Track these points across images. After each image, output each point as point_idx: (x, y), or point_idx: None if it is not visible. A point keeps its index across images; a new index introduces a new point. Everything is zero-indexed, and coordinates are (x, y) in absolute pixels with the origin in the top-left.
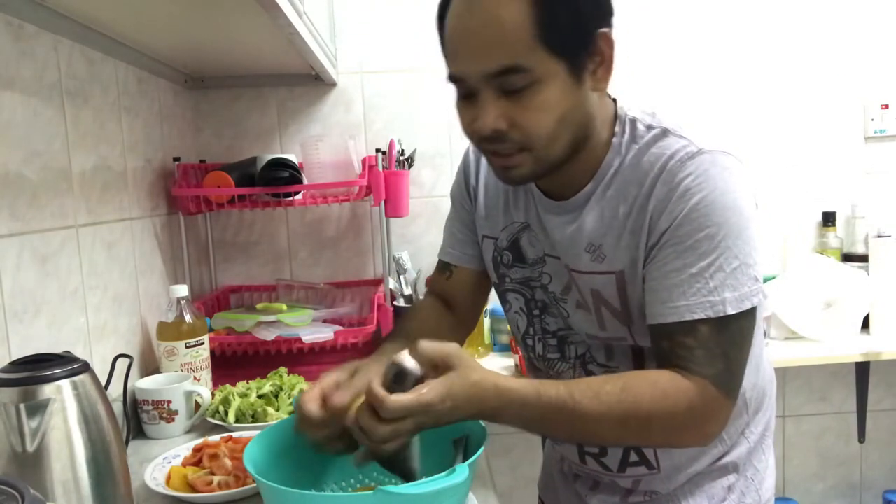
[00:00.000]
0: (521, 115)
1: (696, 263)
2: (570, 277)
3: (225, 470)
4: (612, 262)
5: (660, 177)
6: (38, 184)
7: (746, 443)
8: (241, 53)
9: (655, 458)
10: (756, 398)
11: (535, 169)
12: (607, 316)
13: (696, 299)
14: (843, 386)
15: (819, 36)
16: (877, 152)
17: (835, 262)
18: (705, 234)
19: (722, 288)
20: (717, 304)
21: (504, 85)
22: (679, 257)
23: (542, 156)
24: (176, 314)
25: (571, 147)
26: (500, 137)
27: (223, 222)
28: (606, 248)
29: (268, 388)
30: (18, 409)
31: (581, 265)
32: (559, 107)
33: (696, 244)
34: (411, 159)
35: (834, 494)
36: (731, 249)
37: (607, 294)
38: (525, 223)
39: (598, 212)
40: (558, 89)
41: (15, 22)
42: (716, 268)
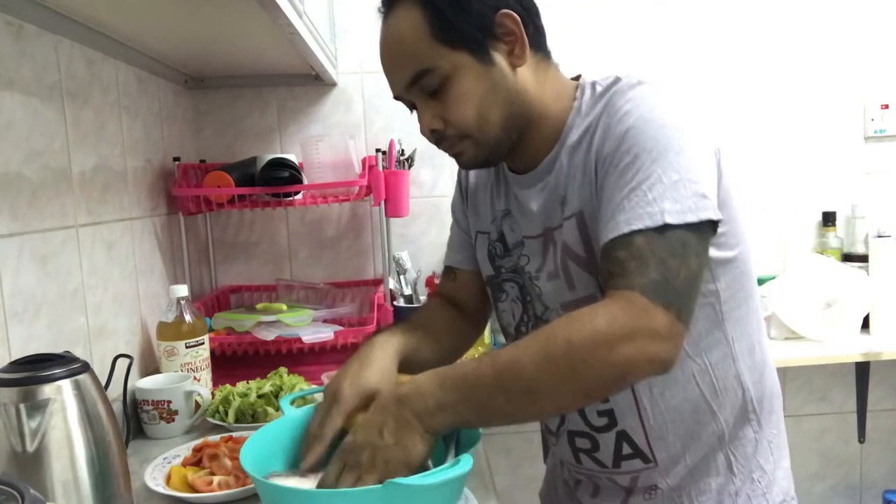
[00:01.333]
0: (447, 111)
1: (634, 178)
2: (549, 243)
3: (225, 470)
4: (573, 205)
5: (605, 110)
6: (38, 184)
7: (752, 435)
8: (241, 53)
9: (649, 447)
10: (754, 380)
11: (479, 152)
12: (575, 271)
13: (634, 211)
14: (843, 386)
15: (819, 36)
16: (877, 152)
17: (835, 262)
18: (643, 149)
19: (661, 199)
20: (655, 213)
21: (425, 88)
22: (620, 177)
23: (480, 139)
24: (176, 314)
25: (508, 122)
26: (441, 135)
27: (223, 222)
28: (569, 195)
29: (268, 388)
30: (18, 409)
31: (555, 220)
32: (476, 93)
33: (635, 160)
34: (411, 159)
35: (834, 494)
36: (671, 164)
37: (572, 241)
38: (506, 210)
39: (563, 167)
40: (470, 78)
41: (15, 22)
42: (654, 180)
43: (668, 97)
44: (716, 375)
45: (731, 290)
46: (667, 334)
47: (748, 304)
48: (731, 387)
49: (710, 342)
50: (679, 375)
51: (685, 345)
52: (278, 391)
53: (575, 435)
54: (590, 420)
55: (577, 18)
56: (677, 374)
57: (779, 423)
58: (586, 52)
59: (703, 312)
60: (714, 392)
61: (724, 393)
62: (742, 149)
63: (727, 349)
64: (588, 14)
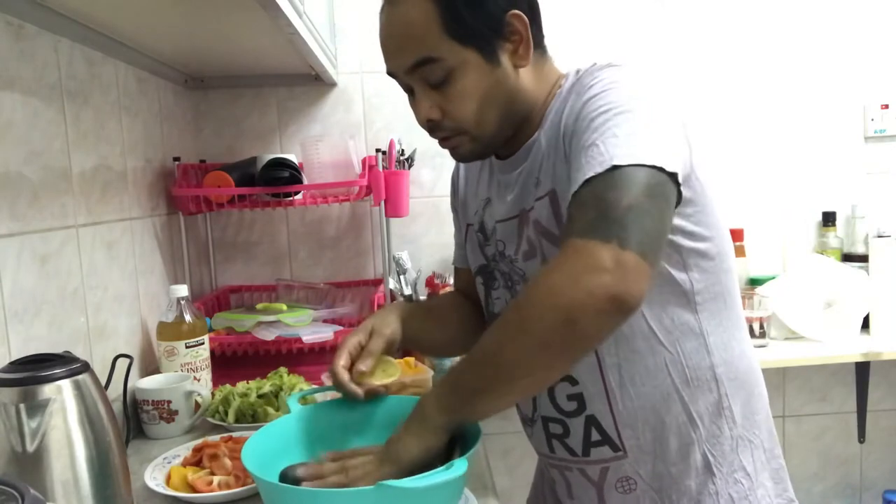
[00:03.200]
0: (447, 104)
1: (591, 136)
2: (523, 224)
3: (225, 470)
4: (545, 184)
5: (570, 91)
6: (38, 184)
7: (728, 432)
8: (241, 53)
9: (618, 434)
10: (730, 376)
11: (475, 147)
12: (548, 248)
13: (590, 163)
14: (843, 386)
15: (819, 36)
16: (877, 152)
17: (835, 262)
18: (602, 111)
19: (613, 149)
20: (605, 161)
21: (426, 77)
22: (579, 141)
23: (477, 135)
24: (176, 314)
25: (505, 121)
26: (437, 126)
27: (223, 222)
28: (542, 174)
29: (268, 388)
30: (18, 409)
31: (528, 201)
32: (478, 90)
33: (592, 124)
34: (411, 159)
35: (834, 494)
36: (629, 121)
37: (545, 220)
38: (487, 198)
39: (541, 149)
40: (474, 75)
41: (15, 22)
42: (609, 135)
43: (634, 73)
44: (688, 365)
45: (704, 283)
46: (610, 265)
47: (725, 299)
48: (704, 379)
49: (683, 331)
50: (650, 363)
51: (657, 332)
52: (278, 391)
53: (548, 420)
54: (560, 404)
55: (576, 19)
56: (648, 361)
57: (762, 425)
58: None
59: (674, 299)
60: (686, 382)
61: (697, 385)
62: (742, 149)
63: (701, 340)
64: (588, 15)
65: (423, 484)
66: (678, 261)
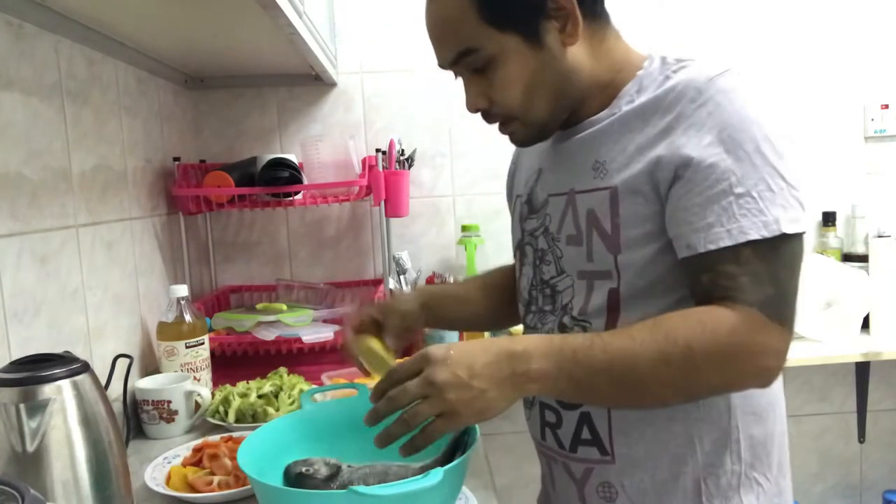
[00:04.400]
0: (493, 92)
1: (741, 182)
2: (570, 204)
3: (225, 470)
4: (612, 177)
5: (684, 94)
6: (38, 184)
7: (730, 467)
8: (241, 53)
9: (609, 438)
10: (747, 409)
11: (529, 132)
12: (596, 242)
13: (749, 220)
14: (843, 386)
15: (819, 36)
16: (877, 152)
17: (835, 262)
18: (745, 151)
19: (772, 207)
20: (770, 223)
21: (469, 66)
22: (721, 176)
23: (528, 121)
24: (176, 314)
25: (557, 104)
26: (487, 113)
27: (223, 222)
28: (610, 163)
29: (268, 388)
30: (18, 409)
31: (583, 183)
32: (523, 76)
33: (737, 162)
34: (411, 159)
35: (834, 494)
36: (776, 169)
37: (601, 213)
38: (539, 169)
39: (609, 129)
40: (517, 61)
41: (15, 22)
42: (763, 187)
43: (756, 92)
44: None
45: None
46: (782, 350)
47: None
48: (716, 407)
49: None
50: None
51: None
52: (278, 391)
53: (545, 407)
54: None
55: None
56: None
57: (776, 466)
58: None
59: None
60: (696, 404)
61: (707, 410)
62: None
63: None
64: None
65: (391, 492)
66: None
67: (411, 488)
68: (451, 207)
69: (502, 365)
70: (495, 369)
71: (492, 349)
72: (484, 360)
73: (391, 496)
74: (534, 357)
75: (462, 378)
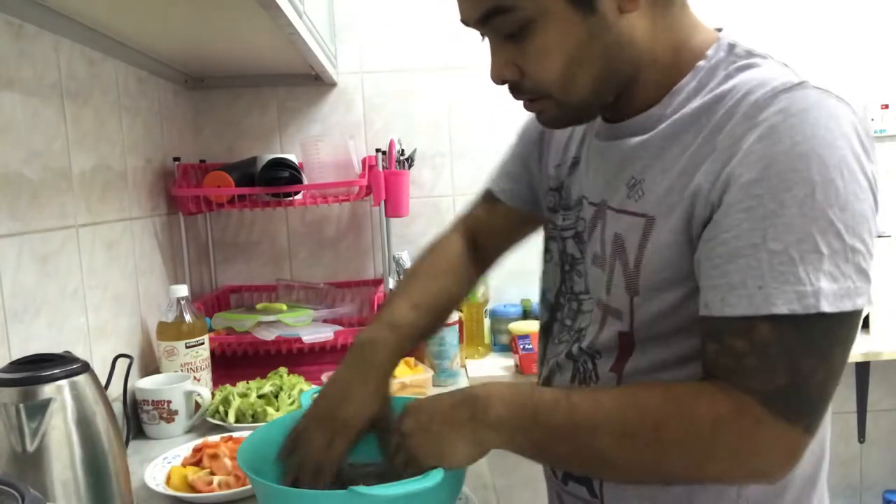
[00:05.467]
0: (525, 62)
1: (781, 237)
2: (600, 218)
3: (225, 470)
4: (647, 204)
5: (739, 107)
6: (38, 184)
7: None
8: (241, 53)
9: (600, 485)
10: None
11: (562, 113)
12: (617, 274)
13: (779, 287)
14: (843, 386)
15: (819, 36)
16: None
17: None
18: (793, 195)
19: (816, 274)
20: (807, 295)
21: (499, 29)
22: (756, 225)
23: (563, 101)
24: (176, 314)
25: (603, 83)
26: (516, 87)
27: (223, 222)
28: (648, 184)
29: (268, 388)
30: (18, 409)
31: (616, 200)
32: (564, 47)
33: (780, 210)
34: (411, 159)
35: (834, 494)
36: (833, 224)
37: (629, 243)
38: (576, 157)
39: (650, 140)
40: (559, 27)
41: (15, 22)
42: (809, 246)
43: (836, 121)
44: None
45: None
46: (788, 454)
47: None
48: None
49: None
50: None
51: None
52: (278, 391)
53: None
54: None
55: None
56: None
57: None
58: None
59: None
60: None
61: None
62: None
63: None
64: None
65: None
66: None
67: (411, 489)
68: (451, 207)
69: (463, 409)
70: (456, 413)
71: (457, 395)
72: (448, 403)
73: (391, 496)
74: (493, 405)
75: (423, 422)
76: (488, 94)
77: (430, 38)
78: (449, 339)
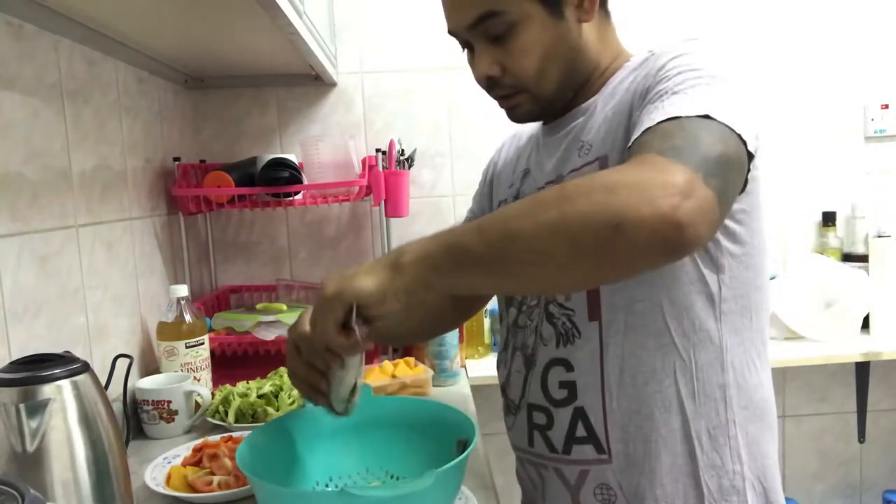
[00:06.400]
0: (508, 59)
1: (677, 85)
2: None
3: (225, 470)
4: (597, 151)
5: (645, 62)
6: (38, 184)
7: (730, 465)
8: (241, 53)
9: (605, 434)
10: (742, 403)
11: (534, 106)
12: None
13: (672, 107)
14: (843, 386)
15: (819, 36)
16: (877, 152)
17: (835, 262)
18: (688, 69)
19: (702, 99)
20: (698, 106)
21: (488, 31)
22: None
23: (538, 94)
24: (176, 314)
25: (566, 79)
26: (496, 83)
27: (223, 222)
28: (593, 139)
29: (268, 388)
30: (18, 409)
31: (570, 167)
32: (541, 45)
33: (678, 76)
34: (411, 159)
35: (834, 494)
36: (720, 85)
37: None
38: (526, 169)
39: (595, 112)
40: (537, 29)
41: (15, 22)
42: (701, 88)
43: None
44: (698, 377)
45: (733, 292)
46: (685, 189)
47: (752, 318)
48: (713, 398)
49: (700, 338)
50: (658, 364)
51: (673, 332)
52: (278, 391)
53: (533, 409)
54: (550, 391)
55: None
56: (656, 362)
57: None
58: None
59: (699, 301)
60: (692, 395)
61: (703, 401)
62: None
63: (718, 354)
64: None
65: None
66: (711, 259)
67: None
68: (451, 207)
69: (382, 259)
70: (369, 263)
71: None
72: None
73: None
74: (411, 246)
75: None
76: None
77: (430, 38)
78: (449, 339)
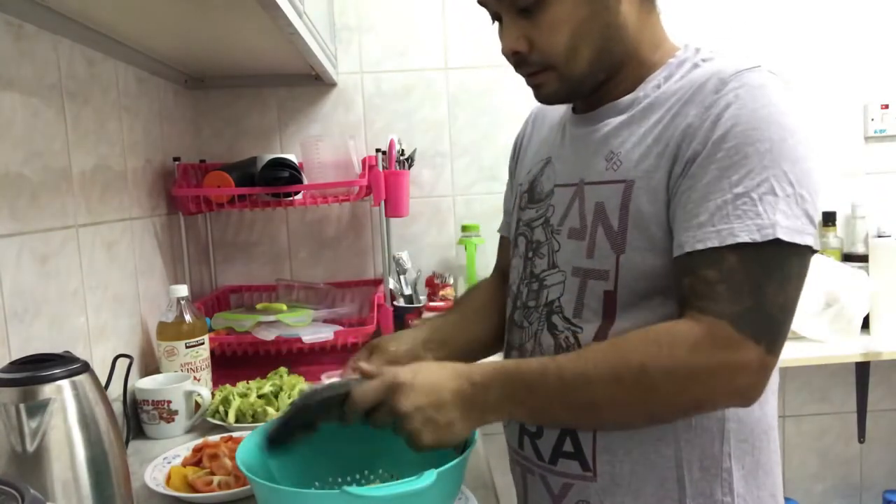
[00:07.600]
0: (537, 34)
1: (742, 181)
2: (578, 196)
3: (225, 470)
4: (626, 171)
5: (707, 84)
6: (38, 184)
7: (719, 496)
8: (241, 53)
9: (593, 453)
10: (741, 436)
11: (561, 87)
12: (600, 237)
13: (742, 222)
14: (843, 386)
15: (819, 36)
16: (877, 152)
17: (835, 262)
18: (755, 149)
19: (772, 211)
20: (766, 226)
21: (517, 2)
22: (721, 175)
23: (566, 73)
24: (176, 314)
25: (598, 60)
26: (523, 59)
27: (223, 222)
28: (624, 155)
29: (268, 388)
30: (18, 409)
31: (594, 175)
32: (572, 20)
33: (744, 160)
34: (411, 159)
35: (834, 494)
36: (786, 174)
37: (610, 207)
38: (547, 158)
39: (627, 120)
40: (568, 3)
41: (15, 22)
42: (766, 189)
43: (783, 94)
44: None
45: None
46: (754, 367)
47: None
48: (709, 429)
49: None
50: None
51: None
52: (278, 391)
53: None
54: None
55: None
56: None
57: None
58: None
59: None
60: (689, 426)
61: (699, 433)
62: None
63: None
64: None
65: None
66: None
67: (404, 489)
68: (451, 207)
69: (465, 395)
70: (460, 400)
71: (455, 378)
72: (451, 388)
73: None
74: (491, 388)
75: (425, 407)
76: (488, 95)
77: (430, 38)
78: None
